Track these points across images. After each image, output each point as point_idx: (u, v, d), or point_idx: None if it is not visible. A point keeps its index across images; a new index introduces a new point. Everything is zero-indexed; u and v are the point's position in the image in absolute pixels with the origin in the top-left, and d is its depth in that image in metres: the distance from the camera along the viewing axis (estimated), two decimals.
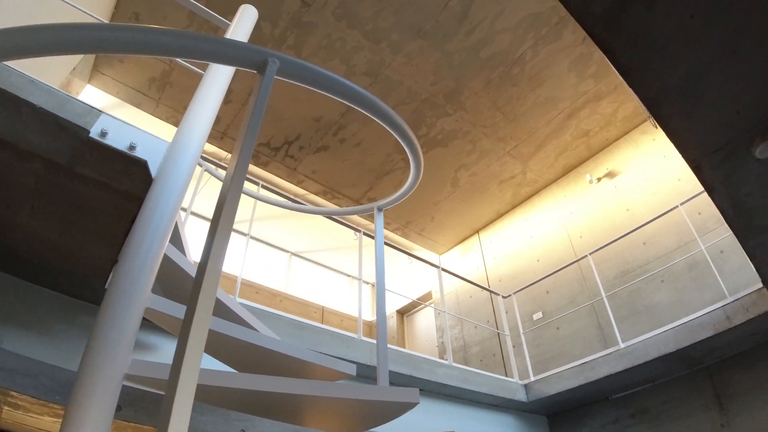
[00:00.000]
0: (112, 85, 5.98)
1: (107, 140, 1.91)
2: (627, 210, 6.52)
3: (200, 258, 1.19)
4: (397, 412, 2.20)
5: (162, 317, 1.86)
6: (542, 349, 6.60)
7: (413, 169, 2.48)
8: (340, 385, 2.01)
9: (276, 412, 2.18)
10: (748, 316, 4.27)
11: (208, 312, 1.08)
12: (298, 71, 1.66)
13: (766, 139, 2.42)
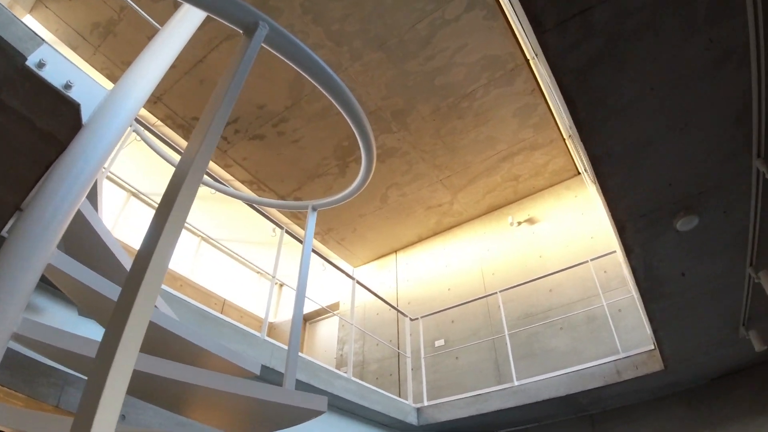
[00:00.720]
0: (53, 21, 5.46)
1: (43, 72, 1.71)
2: (540, 256, 6.88)
3: (144, 242, 1.04)
4: (299, 418, 2.12)
5: (63, 278, 1.68)
6: (439, 375, 6.73)
7: (362, 175, 2.45)
8: (247, 382, 1.91)
9: (167, 401, 2.03)
10: (636, 373, 4.63)
11: (151, 302, 0.95)
12: (284, 43, 1.60)
13: (689, 214, 2.65)
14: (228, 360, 2.25)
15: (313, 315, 10.07)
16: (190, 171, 1.10)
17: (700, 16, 1.83)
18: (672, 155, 2.37)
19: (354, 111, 1.94)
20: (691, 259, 3.04)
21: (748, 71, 2.01)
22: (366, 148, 2.24)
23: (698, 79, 2.06)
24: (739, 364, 4.83)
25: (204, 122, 1.22)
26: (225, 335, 3.96)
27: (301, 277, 2.40)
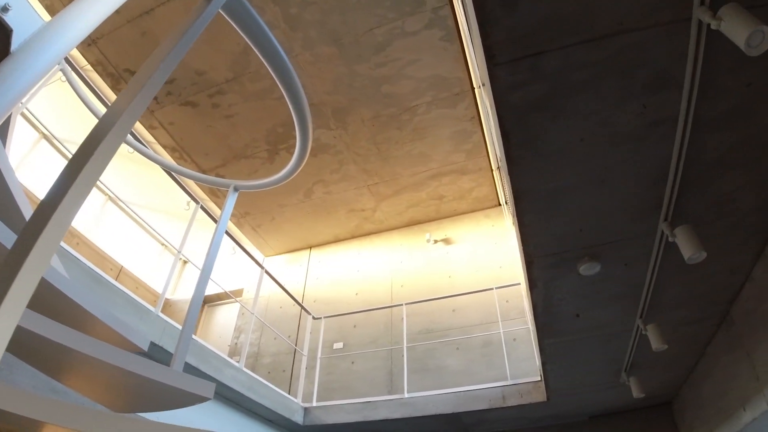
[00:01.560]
0: None
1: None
2: (450, 276, 7.09)
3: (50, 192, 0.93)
4: (183, 402, 2.01)
5: None
6: (332, 378, 6.71)
7: (294, 163, 2.40)
8: (132, 356, 1.78)
9: (45, 364, 1.85)
10: (520, 401, 4.88)
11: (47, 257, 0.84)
12: (242, 14, 1.54)
13: (593, 260, 2.84)
14: (115, 330, 2.10)
15: (214, 298, 9.70)
16: (115, 127, 1.02)
17: (640, 82, 1.98)
18: (587, 204, 2.53)
19: (298, 99, 1.90)
20: (587, 302, 3.27)
21: (672, 142, 2.20)
22: (302, 138, 2.19)
23: (625, 141, 2.22)
24: (617, 406, 5.25)
25: (140, 79, 1.13)
26: (116, 305, 3.70)
27: (209, 257, 2.29)
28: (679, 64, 1.87)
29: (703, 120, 2.09)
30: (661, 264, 2.90)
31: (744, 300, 3.32)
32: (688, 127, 2.09)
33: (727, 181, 2.40)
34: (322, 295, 7.89)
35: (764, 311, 3.04)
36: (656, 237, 2.71)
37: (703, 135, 2.15)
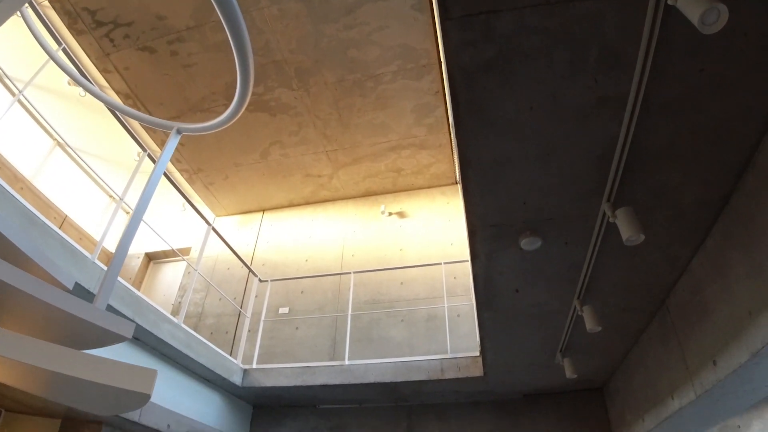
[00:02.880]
0: None
1: None
2: (401, 250, 7.12)
3: None
4: (102, 341, 1.94)
5: None
6: (275, 342, 6.68)
7: (235, 104, 2.32)
8: (53, 289, 1.70)
9: None
10: (458, 374, 4.99)
11: None
12: None
13: (534, 236, 2.87)
14: (40, 266, 1.99)
15: (160, 255, 9.44)
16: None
17: (593, 56, 1.98)
18: (532, 178, 2.54)
19: (240, 35, 1.81)
20: (527, 278, 3.32)
21: (620, 122, 2.22)
22: (243, 74, 2.11)
23: (574, 115, 2.22)
24: (551, 386, 5.43)
25: None
26: (52, 248, 3.51)
27: (143, 197, 2.20)
28: (634, 40, 1.87)
29: (653, 103, 2.11)
30: (601, 246, 2.97)
31: (680, 291, 3.44)
32: (637, 108, 2.12)
33: (671, 170, 2.45)
34: (272, 259, 7.79)
35: (698, 303, 3.17)
36: (598, 218, 2.77)
37: (652, 118, 2.18)
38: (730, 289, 2.76)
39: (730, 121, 2.20)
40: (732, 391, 3.21)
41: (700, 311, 3.16)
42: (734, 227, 2.66)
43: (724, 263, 2.81)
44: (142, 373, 1.44)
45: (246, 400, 6.03)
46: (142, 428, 4.14)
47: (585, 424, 5.41)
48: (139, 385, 1.41)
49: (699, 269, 3.13)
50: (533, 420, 5.53)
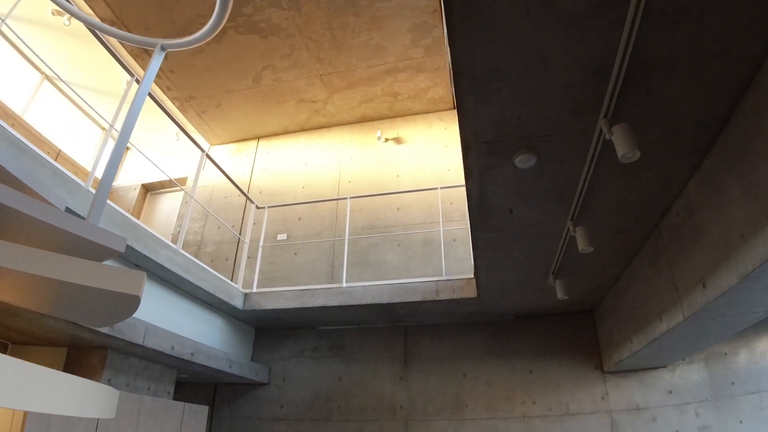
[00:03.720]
0: None
1: None
2: (397, 176, 7.09)
3: None
4: (95, 255, 1.94)
5: None
6: (274, 267, 6.80)
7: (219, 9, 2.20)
8: (45, 206, 1.68)
9: None
10: (453, 296, 5.10)
11: None
12: None
13: (529, 153, 2.82)
14: (31, 188, 1.96)
15: (156, 186, 9.41)
16: None
17: None
18: (528, 91, 2.45)
19: None
20: (521, 198, 3.30)
21: (620, 32, 2.11)
22: None
23: (573, 22, 2.09)
24: (542, 308, 5.58)
25: None
26: (43, 176, 3.47)
27: (130, 115, 2.13)
28: None
29: (655, 8, 2.00)
30: (597, 165, 2.92)
31: (673, 214, 3.44)
32: (638, 16, 2.00)
33: (670, 85, 2.36)
34: (268, 186, 7.78)
35: (691, 226, 3.17)
36: (594, 135, 2.71)
37: (653, 27, 2.07)
38: (723, 212, 2.75)
39: (734, 35, 2.09)
40: (720, 315, 3.28)
41: (692, 234, 3.17)
42: (731, 148, 2.61)
43: (719, 185, 2.78)
44: (129, 275, 1.44)
45: (248, 323, 6.23)
46: (147, 351, 4.28)
47: (575, 345, 5.61)
48: (127, 287, 1.41)
49: (694, 191, 3.11)
50: (525, 340, 5.73)
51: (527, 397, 5.48)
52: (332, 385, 5.93)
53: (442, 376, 5.73)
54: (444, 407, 5.59)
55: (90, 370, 4.17)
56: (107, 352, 4.23)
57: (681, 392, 5.18)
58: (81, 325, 3.48)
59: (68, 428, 3.38)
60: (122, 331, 3.83)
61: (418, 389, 5.72)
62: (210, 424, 6.14)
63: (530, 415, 5.39)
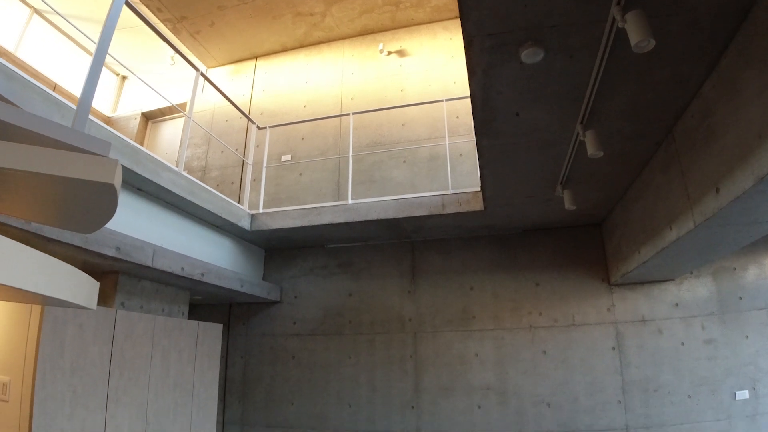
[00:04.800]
0: None
1: None
2: (401, 90, 6.84)
3: None
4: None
5: None
6: (280, 189, 6.76)
7: None
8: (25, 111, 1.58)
9: None
10: (459, 209, 5.06)
11: None
12: None
13: (536, 46, 2.63)
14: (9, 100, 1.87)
15: (157, 114, 9.23)
16: None
17: None
18: None
19: None
20: (528, 99, 3.12)
21: None
22: None
23: None
24: (549, 221, 5.53)
25: None
26: (34, 105, 3.34)
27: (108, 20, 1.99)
28: None
29: None
30: (608, 61, 2.72)
31: (688, 116, 3.26)
32: None
33: None
34: (269, 107, 7.58)
35: (706, 128, 3.00)
36: (606, 25, 2.50)
37: None
38: (740, 112, 2.58)
39: None
40: (731, 223, 3.18)
41: (707, 137, 3.01)
42: (752, 43, 2.41)
43: (737, 83, 2.59)
44: (101, 161, 1.35)
45: (257, 244, 6.29)
46: (157, 273, 4.33)
47: (582, 258, 5.62)
48: (99, 174, 1.32)
49: (710, 92, 2.92)
50: (531, 254, 5.74)
51: (533, 308, 5.57)
52: (343, 301, 6.07)
53: (450, 290, 5.81)
54: (451, 319, 5.71)
55: (102, 295, 4.26)
56: (118, 276, 4.29)
57: (687, 305, 5.22)
58: (89, 250, 3.49)
59: (83, 349, 3.48)
60: (130, 254, 3.86)
61: (426, 302, 5.82)
62: (227, 343, 6.37)
63: (536, 325, 5.50)
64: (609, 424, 5.05)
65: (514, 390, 5.37)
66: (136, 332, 3.99)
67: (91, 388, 3.47)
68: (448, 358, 5.61)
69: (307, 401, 5.88)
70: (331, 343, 5.96)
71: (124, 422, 3.75)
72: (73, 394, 3.31)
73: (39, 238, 3.20)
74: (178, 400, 4.41)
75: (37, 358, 3.06)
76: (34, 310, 3.18)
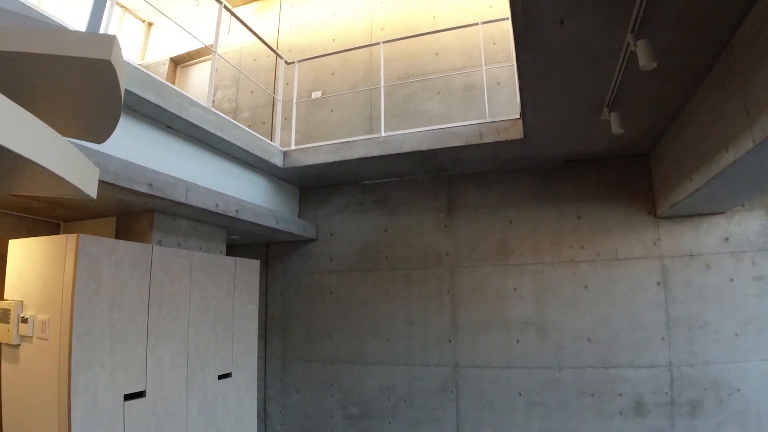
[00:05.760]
0: None
1: None
2: (434, 17, 6.49)
3: None
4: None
5: None
6: (311, 127, 6.64)
7: None
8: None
9: None
10: (497, 138, 4.82)
11: None
12: None
13: None
14: None
15: (185, 58, 9.11)
16: None
17: None
18: None
19: None
20: (573, 2, 2.83)
21: None
22: None
23: None
24: (594, 151, 5.23)
25: None
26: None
27: None
28: None
29: None
30: None
31: (748, 24, 2.91)
32: None
33: None
34: (297, 43, 7.34)
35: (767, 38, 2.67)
36: None
37: None
38: None
39: None
40: None
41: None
42: None
43: None
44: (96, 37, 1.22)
45: (291, 182, 6.24)
46: (192, 210, 4.33)
47: (627, 189, 5.35)
48: (95, 50, 1.20)
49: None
50: (574, 186, 5.49)
51: (575, 242, 5.38)
52: (379, 237, 6.02)
53: (487, 224, 5.67)
54: (489, 253, 5.60)
55: (140, 234, 4.30)
56: (153, 214, 4.31)
57: (738, 240, 4.94)
58: (121, 187, 3.46)
59: (120, 285, 3.52)
60: (163, 191, 3.84)
61: (463, 237, 5.71)
62: (266, 281, 6.46)
63: (577, 260, 5.33)
64: (651, 360, 4.94)
65: (554, 325, 5.28)
66: (173, 268, 4.03)
67: (130, 323, 3.54)
68: (485, 293, 5.54)
69: (345, 336, 5.96)
70: (367, 279, 5.97)
71: (165, 355, 3.85)
72: (113, 329, 3.38)
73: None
74: (218, 334, 4.51)
75: (74, 294, 3.11)
76: (69, 247, 3.21)
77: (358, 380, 5.85)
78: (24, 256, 3.59)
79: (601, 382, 5.04)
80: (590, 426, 5.00)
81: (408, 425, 5.60)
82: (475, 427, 5.36)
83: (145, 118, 4.11)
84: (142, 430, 3.55)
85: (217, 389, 4.42)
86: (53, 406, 3.07)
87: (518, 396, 5.26)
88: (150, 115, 4.09)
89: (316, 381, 6.03)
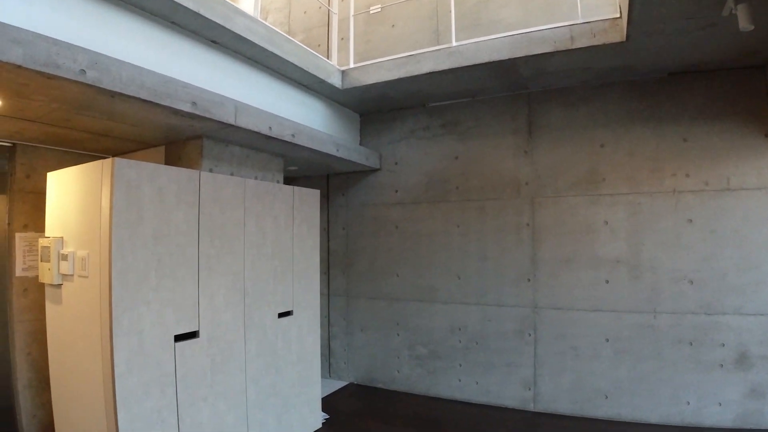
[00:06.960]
0: None
1: None
2: None
3: None
4: None
5: None
6: (370, 46, 6.00)
7: None
8: None
9: None
10: (593, 41, 4.02)
11: None
12: None
13: None
14: None
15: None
16: None
17: None
18: None
19: None
20: None
21: None
22: None
23: None
24: (703, 60, 4.32)
25: None
26: None
27: None
28: None
29: None
30: None
31: None
32: None
33: None
34: None
35: None
36: None
37: None
38: None
39: None
40: None
41: None
42: None
43: None
44: None
45: (351, 107, 5.72)
46: (243, 134, 3.90)
47: (741, 107, 4.44)
48: None
49: None
50: (678, 102, 4.62)
51: (678, 169, 4.58)
52: (448, 165, 5.46)
53: (574, 148, 4.94)
54: (576, 182, 4.91)
55: (189, 163, 3.94)
56: (202, 140, 3.93)
57: None
58: (161, 105, 3.05)
59: (165, 214, 3.17)
60: (209, 110, 3.42)
61: (545, 163, 5.03)
62: (327, 215, 6.10)
63: (681, 189, 4.55)
64: (762, 307, 4.21)
65: (650, 264, 4.60)
66: (224, 196, 3.65)
67: (178, 257, 3.21)
68: (571, 227, 4.90)
69: (413, 273, 5.56)
70: (436, 211, 5.47)
71: (219, 291, 3.53)
72: (159, 263, 3.05)
73: (101, 93, 2.79)
74: (277, 269, 4.17)
75: (112, 226, 2.77)
76: (105, 174, 2.85)
77: (426, 319, 5.49)
78: (62, 188, 3.31)
79: (702, 330, 4.39)
80: (685, 378, 4.41)
81: (480, 368, 5.22)
82: (554, 374, 4.89)
83: (185, 32, 3.64)
84: (195, 373, 3.30)
85: (278, 328, 4.12)
86: (97, 347, 2.83)
87: (605, 342, 4.71)
88: (190, 28, 3.62)
89: (382, 319, 5.73)
